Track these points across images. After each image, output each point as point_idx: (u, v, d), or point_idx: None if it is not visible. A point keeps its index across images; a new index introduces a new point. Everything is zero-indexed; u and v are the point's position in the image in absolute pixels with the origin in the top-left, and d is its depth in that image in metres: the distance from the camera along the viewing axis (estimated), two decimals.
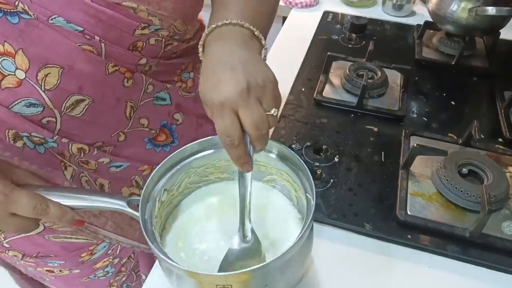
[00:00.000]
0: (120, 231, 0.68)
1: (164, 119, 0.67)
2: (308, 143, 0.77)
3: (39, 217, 0.48)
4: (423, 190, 0.68)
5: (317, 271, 0.59)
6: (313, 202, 0.49)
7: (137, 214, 0.49)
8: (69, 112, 0.54)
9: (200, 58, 0.51)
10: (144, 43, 0.56)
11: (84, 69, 0.52)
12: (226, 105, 0.43)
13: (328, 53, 0.92)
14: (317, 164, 0.73)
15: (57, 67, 0.51)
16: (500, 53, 1.04)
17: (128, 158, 0.64)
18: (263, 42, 0.52)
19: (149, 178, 0.52)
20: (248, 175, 0.49)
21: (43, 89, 0.51)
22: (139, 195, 0.50)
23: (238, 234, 0.52)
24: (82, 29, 0.51)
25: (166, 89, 0.65)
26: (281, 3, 1.21)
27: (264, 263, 0.43)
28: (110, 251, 0.74)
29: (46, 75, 0.50)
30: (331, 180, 0.70)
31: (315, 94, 0.87)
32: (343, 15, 1.20)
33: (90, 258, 0.72)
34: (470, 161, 0.69)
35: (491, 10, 0.90)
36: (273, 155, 0.57)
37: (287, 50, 1.05)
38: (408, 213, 0.64)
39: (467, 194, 0.64)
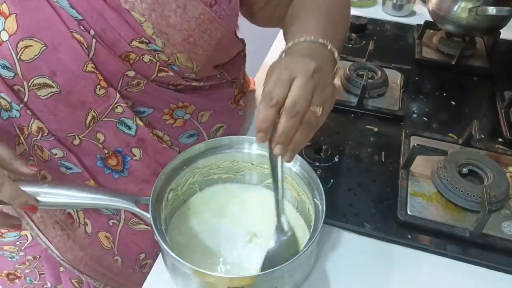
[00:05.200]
0: (43, 227, 0.66)
1: (121, 146, 0.62)
2: (308, 143, 0.77)
3: None
4: (423, 190, 0.68)
5: (317, 271, 0.59)
6: (321, 207, 0.50)
7: (147, 214, 0.49)
8: (36, 90, 0.53)
9: None
10: (138, 57, 0.55)
11: (64, 56, 0.52)
12: (289, 68, 0.46)
13: None
14: (317, 164, 0.73)
15: (41, 44, 0.50)
16: (500, 53, 1.04)
17: (80, 164, 0.62)
18: (338, 64, 0.55)
19: (158, 178, 0.53)
20: (278, 163, 0.49)
21: (17, 57, 0.50)
22: None
23: (276, 229, 0.53)
24: (81, 18, 0.51)
25: (135, 120, 0.60)
26: None
27: (275, 268, 0.44)
28: (18, 243, 0.73)
29: (26, 47, 0.50)
30: (331, 180, 0.70)
31: None
32: None
33: None
34: (470, 161, 0.69)
35: (491, 10, 0.90)
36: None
37: None
38: (408, 213, 0.64)
39: (467, 194, 0.64)
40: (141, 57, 0.55)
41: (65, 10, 0.50)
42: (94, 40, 0.52)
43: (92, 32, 0.52)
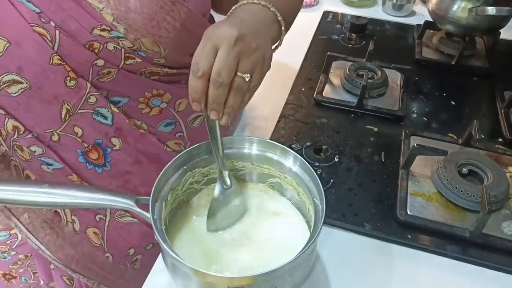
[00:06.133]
0: (32, 228, 0.66)
1: (100, 138, 0.61)
2: (308, 143, 0.77)
3: None
4: (423, 190, 0.68)
5: (317, 271, 0.59)
6: (321, 207, 0.50)
7: (147, 214, 0.49)
8: (6, 87, 0.53)
9: None
10: (102, 46, 0.54)
11: (28, 51, 0.52)
12: (211, 38, 0.46)
13: (328, 53, 0.92)
14: (317, 164, 0.73)
15: (4, 40, 0.50)
16: (500, 53, 1.04)
17: (61, 160, 0.61)
18: (283, 28, 0.55)
19: (158, 178, 0.52)
20: (216, 124, 0.51)
21: None
22: None
23: (218, 183, 0.56)
24: (39, 11, 0.51)
25: (109, 108, 0.59)
26: None
27: (275, 267, 0.44)
28: (8, 241, 0.73)
29: None
30: (331, 180, 0.70)
31: (315, 94, 0.87)
32: (343, 15, 1.20)
33: None
34: (470, 161, 0.69)
35: (491, 10, 0.90)
36: (276, 158, 0.57)
37: (287, 50, 1.05)
38: (408, 213, 0.64)
39: (467, 194, 0.64)
40: (105, 45, 0.54)
41: (23, 4, 0.50)
42: (57, 32, 0.52)
43: (52, 23, 0.52)
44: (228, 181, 0.56)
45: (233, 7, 0.55)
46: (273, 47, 0.55)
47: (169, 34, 0.56)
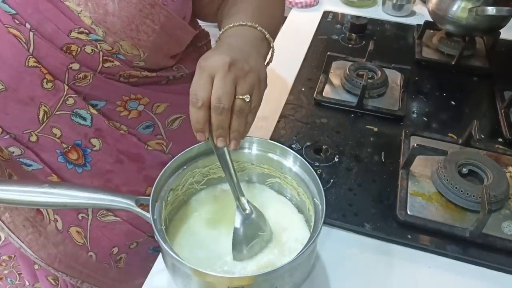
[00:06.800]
0: (13, 227, 0.65)
1: (79, 139, 0.61)
2: (308, 143, 0.77)
3: None
4: (423, 190, 0.68)
5: (317, 271, 0.59)
6: (321, 207, 0.50)
7: (147, 214, 0.49)
8: None
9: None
10: (79, 48, 0.54)
11: (3, 53, 0.51)
12: (206, 69, 0.48)
13: (328, 53, 0.92)
14: (317, 164, 0.73)
15: None
16: (500, 53, 1.04)
17: (40, 160, 0.60)
18: (272, 44, 0.57)
19: (158, 178, 0.52)
20: (225, 151, 0.52)
21: None
22: None
23: (237, 211, 0.54)
24: (15, 12, 0.50)
25: (88, 110, 0.58)
26: None
27: (275, 267, 0.44)
28: None
29: None
30: (331, 180, 0.70)
31: (315, 94, 0.87)
32: (343, 15, 1.20)
33: None
34: (470, 161, 0.69)
35: (491, 10, 0.90)
36: (276, 158, 0.57)
37: (287, 50, 1.05)
38: (408, 213, 0.64)
39: (467, 194, 0.64)
40: (83, 48, 0.54)
41: None
42: (31, 34, 0.51)
43: (28, 25, 0.51)
44: (248, 208, 0.55)
45: (221, 32, 0.56)
46: (265, 64, 0.56)
47: (148, 38, 0.56)
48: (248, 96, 0.48)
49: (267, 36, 0.56)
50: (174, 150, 0.69)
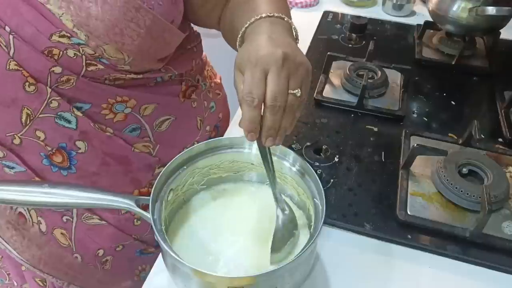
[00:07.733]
0: None
1: (64, 142, 0.60)
2: (308, 143, 0.77)
3: None
4: (423, 190, 0.68)
5: (317, 271, 0.59)
6: (321, 207, 0.50)
7: (147, 214, 0.49)
8: None
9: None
10: (61, 52, 0.53)
11: None
12: (260, 63, 0.45)
13: (328, 53, 0.92)
14: (317, 164, 0.73)
15: None
16: (500, 53, 1.04)
17: (23, 163, 0.60)
18: (297, 35, 0.54)
19: (158, 178, 0.52)
20: (268, 150, 0.51)
21: None
22: None
23: (277, 211, 0.54)
24: None
25: (73, 112, 0.58)
26: None
27: (276, 267, 0.44)
28: None
29: None
30: (331, 180, 0.70)
31: (315, 94, 0.87)
32: (343, 15, 1.20)
33: None
34: (470, 161, 0.69)
35: (491, 10, 0.90)
36: (276, 158, 0.57)
37: None
38: (408, 213, 0.64)
39: (467, 194, 0.64)
40: (65, 51, 0.53)
41: None
42: (11, 37, 0.51)
43: (7, 28, 0.50)
44: (286, 207, 0.54)
45: (246, 25, 0.52)
46: None
47: (133, 41, 0.54)
48: (298, 90, 0.46)
49: (293, 26, 0.54)
50: (161, 152, 0.68)
